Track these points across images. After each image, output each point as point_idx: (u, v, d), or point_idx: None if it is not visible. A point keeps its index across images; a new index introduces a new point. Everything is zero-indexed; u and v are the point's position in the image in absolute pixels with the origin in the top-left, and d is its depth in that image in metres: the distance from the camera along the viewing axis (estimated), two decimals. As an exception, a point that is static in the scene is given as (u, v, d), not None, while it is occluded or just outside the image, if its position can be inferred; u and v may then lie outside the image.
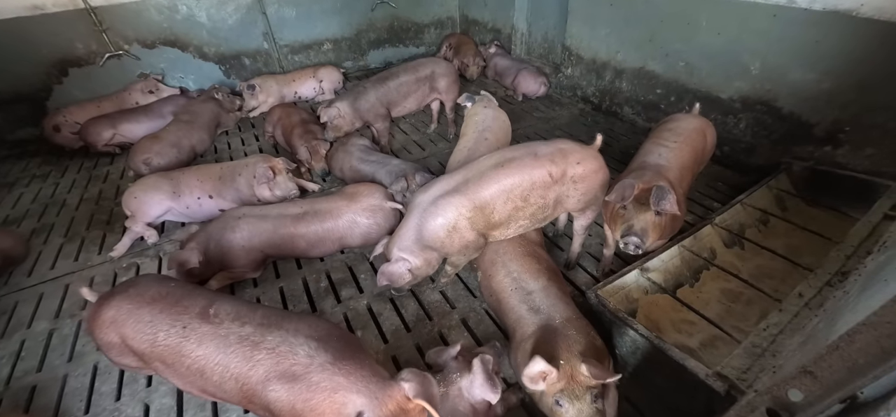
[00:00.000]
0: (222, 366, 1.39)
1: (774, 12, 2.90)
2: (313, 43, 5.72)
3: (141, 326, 1.48)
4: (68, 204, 3.68)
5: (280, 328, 1.42)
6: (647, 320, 2.22)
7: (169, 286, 1.62)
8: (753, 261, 2.49)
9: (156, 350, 1.46)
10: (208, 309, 1.48)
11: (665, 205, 1.93)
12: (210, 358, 1.40)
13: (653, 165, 2.31)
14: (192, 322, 1.45)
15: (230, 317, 1.46)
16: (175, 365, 1.45)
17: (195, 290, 1.62)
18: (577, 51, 4.72)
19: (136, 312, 1.50)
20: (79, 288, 1.94)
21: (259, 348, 1.37)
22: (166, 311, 1.49)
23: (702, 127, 2.64)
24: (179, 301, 1.53)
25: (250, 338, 1.39)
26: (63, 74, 4.49)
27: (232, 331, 1.42)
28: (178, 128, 3.87)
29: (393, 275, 2.13)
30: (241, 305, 1.54)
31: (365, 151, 3.33)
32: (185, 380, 1.49)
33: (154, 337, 1.46)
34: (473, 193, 2.10)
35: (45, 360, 2.37)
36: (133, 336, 1.49)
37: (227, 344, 1.39)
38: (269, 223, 2.51)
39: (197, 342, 1.42)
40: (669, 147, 2.44)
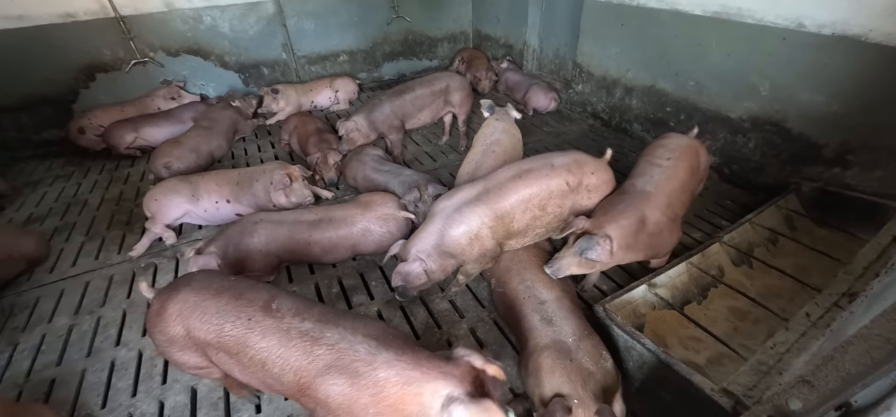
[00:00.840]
0: (283, 359, 1.44)
1: (784, 36, 2.95)
2: (330, 54, 5.88)
3: (208, 317, 1.53)
4: (90, 204, 3.80)
5: (338, 325, 1.47)
6: (654, 335, 2.23)
7: (230, 280, 1.68)
8: (762, 280, 2.49)
9: (222, 340, 1.50)
10: (270, 303, 1.54)
11: (590, 254, 1.97)
12: (272, 351, 1.45)
13: (638, 192, 2.29)
14: (256, 314, 1.50)
15: (291, 313, 1.51)
16: (238, 356, 1.50)
17: (256, 284, 1.67)
18: (587, 68, 4.79)
19: (202, 304, 1.55)
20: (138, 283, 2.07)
21: (319, 343, 1.42)
22: (232, 303, 1.54)
23: (695, 145, 2.60)
24: (243, 293, 1.58)
25: (310, 334, 1.45)
26: (90, 79, 4.67)
27: (293, 326, 1.47)
28: (198, 134, 3.99)
29: (409, 275, 2.19)
30: (300, 301, 1.59)
31: (378, 161, 3.41)
32: (245, 370, 1.54)
33: (220, 328, 1.51)
34: (495, 203, 2.20)
35: (65, 355, 2.44)
36: (199, 327, 1.53)
37: (289, 338, 1.45)
38: (285, 228, 2.58)
39: (261, 334, 1.47)
40: (663, 166, 2.40)
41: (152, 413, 2.11)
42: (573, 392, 1.71)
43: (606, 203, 2.28)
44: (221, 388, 2.19)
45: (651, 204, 2.21)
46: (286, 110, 5.00)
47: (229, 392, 2.16)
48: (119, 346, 2.47)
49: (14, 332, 2.58)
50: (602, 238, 1.98)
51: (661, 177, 2.33)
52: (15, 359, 2.42)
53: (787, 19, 2.91)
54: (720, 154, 3.65)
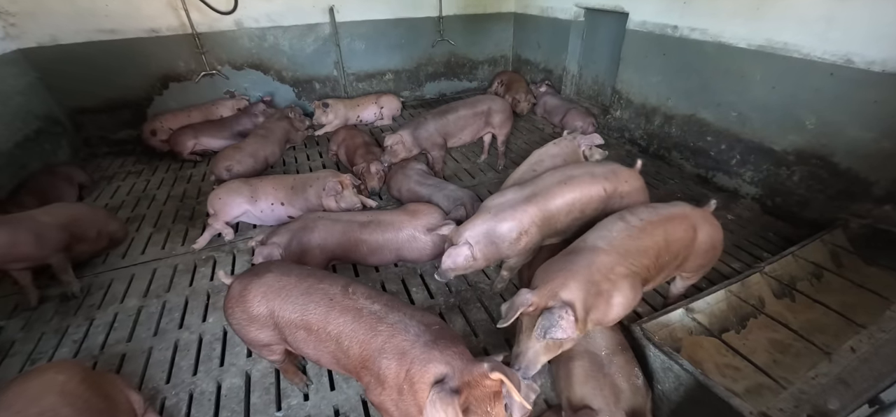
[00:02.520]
0: (353, 333, 1.63)
1: (831, 71, 2.95)
2: (377, 72, 6.23)
3: (293, 298, 1.74)
4: (157, 199, 4.16)
5: (401, 311, 1.67)
6: (691, 360, 2.21)
7: (305, 270, 1.89)
8: (804, 315, 2.45)
9: (306, 317, 1.71)
10: (347, 288, 1.75)
11: (555, 333, 1.59)
12: (347, 326, 1.65)
13: (587, 248, 1.94)
14: (336, 295, 1.72)
15: (364, 296, 1.72)
16: (318, 332, 1.70)
17: (330, 274, 1.89)
18: (626, 95, 4.86)
19: (287, 288, 1.77)
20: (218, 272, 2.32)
21: (382, 322, 1.61)
22: (315, 286, 1.76)
23: (693, 218, 2.19)
24: (322, 280, 1.80)
25: (378, 314, 1.65)
26: (164, 87, 5.17)
27: (365, 307, 1.67)
28: (256, 141, 4.32)
29: (457, 256, 2.37)
30: (371, 289, 1.80)
31: (422, 175, 3.59)
32: (320, 344, 1.72)
33: (306, 308, 1.71)
34: (543, 204, 2.41)
35: (134, 333, 2.68)
36: (284, 306, 1.74)
37: (361, 316, 1.64)
38: (340, 226, 2.80)
39: (340, 313, 1.67)
40: (630, 224, 2.05)
41: (211, 392, 2.29)
42: (604, 406, 1.78)
43: (547, 267, 1.92)
44: (273, 374, 2.36)
45: (600, 258, 1.87)
46: (334, 123, 5.32)
47: (282, 377, 2.33)
48: (182, 329, 2.69)
49: (91, 309, 2.86)
50: (561, 308, 1.62)
51: (621, 235, 1.99)
52: (91, 333, 2.68)
53: (834, 55, 2.92)
54: (763, 185, 3.62)
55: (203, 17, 4.88)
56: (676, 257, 2.17)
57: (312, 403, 2.23)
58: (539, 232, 2.41)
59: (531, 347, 1.70)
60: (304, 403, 2.23)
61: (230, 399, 2.27)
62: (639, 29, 4.46)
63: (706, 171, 4.11)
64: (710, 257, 2.33)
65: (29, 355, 2.54)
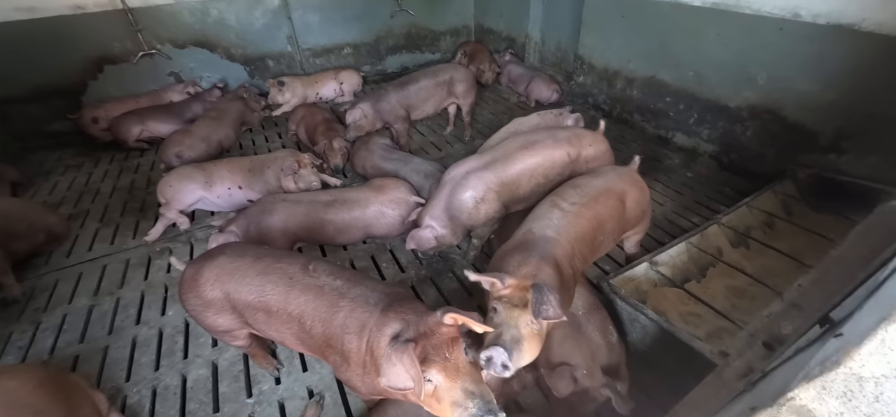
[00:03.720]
0: (316, 312, 1.55)
1: (780, 26, 3.04)
2: (334, 47, 5.95)
3: (248, 280, 1.64)
4: (102, 192, 3.87)
5: (364, 284, 1.60)
6: (656, 311, 2.28)
7: (261, 249, 1.79)
8: (759, 261, 2.59)
9: (264, 299, 1.61)
10: (307, 265, 1.66)
11: (547, 310, 1.35)
12: (309, 305, 1.56)
13: (539, 239, 1.86)
14: (296, 274, 1.62)
15: (325, 273, 1.64)
16: (278, 313, 1.61)
17: (290, 252, 1.81)
18: (589, 60, 4.88)
19: (240, 269, 1.66)
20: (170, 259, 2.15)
21: (344, 297, 1.54)
22: (272, 267, 1.65)
23: (621, 185, 2.20)
24: (281, 258, 1.70)
25: (339, 289, 1.57)
26: (99, 71, 4.73)
27: (327, 284, 1.60)
28: (208, 124, 4.07)
29: (421, 239, 2.36)
30: (333, 265, 1.72)
31: (386, 150, 3.50)
32: (282, 325, 1.64)
33: (263, 289, 1.62)
34: (501, 171, 2.36)
35: (87, 333, 2.52)
36: (238, 289, 1.64)
37: (322, 293, 1.57)
38: (302, 207, 2.68)
39: (300, 291, 1.58)
40: (565, 210, 2.00)
41: (176, 386, 2.19)
42: (582, 363, 1.81)
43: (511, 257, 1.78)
44: (242, 361, 2.28)
45: (559, 250, 1.82)
46: (292, 102, 5.08)
47: (252, 363, 2.25)
48: (140, 324, 2.55)
49: (36, 312, 2.66)
50: (546, 288, 1.39)
51: (563, 222, 1.94)
52: (38, 338, 2.50)
53: (783, 9, 3.01)
54: (719, 143, 3.75)
55: (136, -9, 4.47)
56: (610, 235, 2.17)
57: (285, 386, 2.17)
58: (498, 199, 2.38)
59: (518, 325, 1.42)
60: (276, 387, 2.17)
61: (197, 390, 2.18)
62: (598, -8, 4.45)
63: (666, 132, 4.22)
64: (641, 220, 2.38)
65: (-32, 367, 2.34)
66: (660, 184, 3.57)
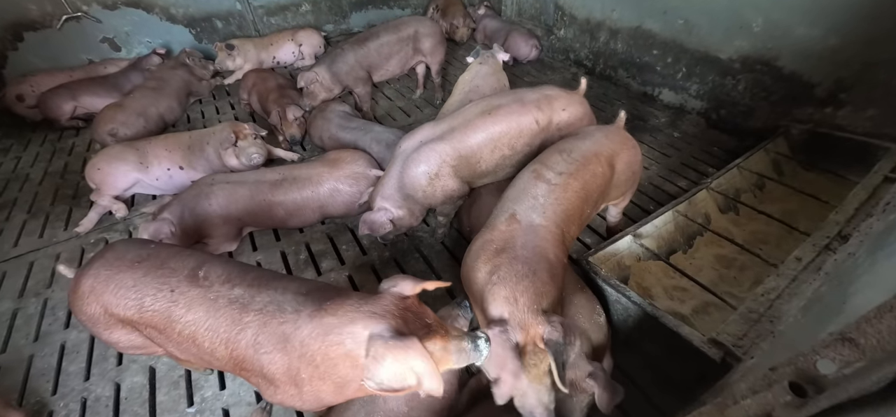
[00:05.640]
0: (212, 331, 1.27)
1: (779, -37, 2.74)
2: (290, 4, 5.37)
3: (123, 292, 1.35)
4: (32, 178, 3.47)
5: (269, 287, 1.30)
6: (639, 287, 2.15)
7: (150, 248, 1.48)
8: (749, 227, 2.42)
9: (144, 316, 1.33)
10: (197, 271, 1.36)
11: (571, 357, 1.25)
12: (200, 324, 1.27)
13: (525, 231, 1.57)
14: (180, 285, 1.32)
15: (220, 280, 1.33)
16: (167, 332, 1.33)
17: (182, 251, 1.47)
18: (570, 10, 4.51)
19: (116, 277, 1.37)
20: (57, 265, 1.75)
21: (247, 310, 1.25)
22: (151, 274, 1.35)
23: (611, 150, 1.92)
24: (165, 263, 1.39)
25: (239, 301, 1.27)
26: (18, 39, 4.15)
27: (222, 294, 1.29)
28: (144, 96, 3.63)
29: (374, 224, 2.08)
30: (233, 267, 1.41)
31: (345, 118, 3.15)
32: (179, 348, 1.38)
33: (140, 303, 1.33)
34: (459, 141, 2.03)
35: (10, 341, 2.26)
36: (116, 303, 1.36)
37: (217, 308, 1.27)
38: (245, 189, 2.37)
39: (186, 307, 1.29)
40: (552, 183, 1.71)
41: (108, 397, 1.97)
42: None
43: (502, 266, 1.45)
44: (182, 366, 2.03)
45: (550, 241, 1.57)
46: (245, 67, 4.59)
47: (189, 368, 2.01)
48: (69, 328, 2.28)
49: (-49, 320, 2.36)
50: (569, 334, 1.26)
51: (550, 199, 1.67)
52: (-46, 349, 2.22)
53: (783, -56, 2.69)
54: (708, 98, 3.50)
55: (50, -57, 3.88)
56: (595, 206, 1.91)
57: (230, 391, 1.95)
58: (454, 174, 2.06)
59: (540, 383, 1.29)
60: (220, 392, 1.94)
61: (132, 401, 1.95)
62: (579, -68, 4.03)
63: (652, 88, 3.94)
64: (630, 184, 2.11)
65: None
66: (645, 146, 3.33)
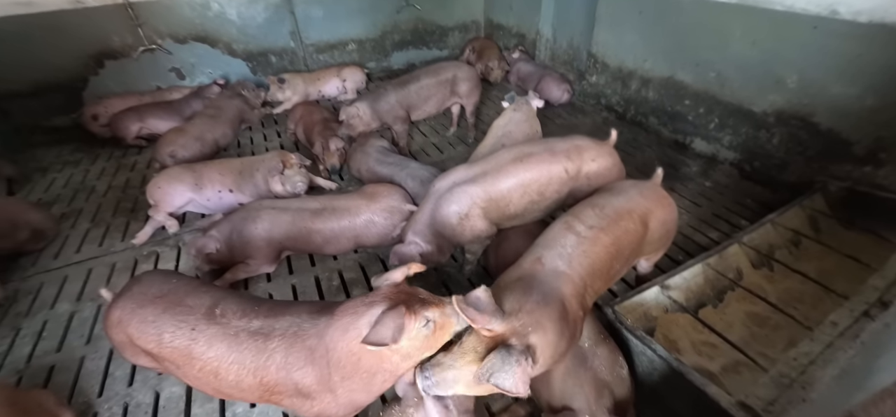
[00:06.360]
0: (238, 364, 1.38)
1: (815, 24, 2.76)
2: (338, 43, 5.79)
3: (145, 326, 1.47)
4: (97, 190, 3.80)
5: (285, 314, 1.44)
6: (666, 340, 2.12)
7: (171, 283, 1.60)
8: (783, 284, 2.36)
9: (162, 351, 1.44)
10: (214, 309, 1.47)
11: (504, 381, 1.19)
12: (223, 359, 1.38)
13: (549, 272, 1.60)
14: (199, 323, 1.43)
15: (237, 316, 1.45)
16: (185, 368, 1.43)
17: (199, 288, 1.58)
18: (602, 58, 4.62)
19: (140, 312, 1.49)
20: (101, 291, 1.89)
21: (271, 338, 1.38)
22: (169, 311, 1.47)
23: (645, 208, 1.93)
24: (182, 300, 1.50)
25: (261, 331, 1.40)
26: (99, 66, 4.66)
27: (241, 328, 1.41)
28: (203, 122, 3.96)
29: (404, 256, 2.17)
30: (246, 301, 1.52)
31: (383, 153, 3.32)
32: (197, 381, 1.48)
33: (159, 339, 1.44)
34: (490, 185, 2.13)
35: (65, 341, 2.43)
36: (138, 335, 1.48)
37: (239, 342, 1.39)
38: (288, 215, 2.53)
39: (207, 344, 1.40)
40: (582, 236, 1.73)
41: (148, 404, 2.09)
42: (586, 406, 1.61)
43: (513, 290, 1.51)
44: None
45: (568, 289, 1.57)
46: (293, 99, 4.94)
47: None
48: (118, 335, 2.45)
49: (17, 317, 2.58)
50: (522, 355, 1.23)
51: (577, 252, 1.68)
52: (17, 345, 2.41)
53: (818, 6, 2.72)
54: (742, 150, 3.48)
55: (134, -16, 4.39)
56: (627, 262, 1.93)
57: (260, 409, 2.03)
58: (483, 216, 2.15)
59: (458, 369, 1.29)
60: (250, 409, 2.03)
61: (169, 410, 2.07)
62: (614, -14, 4.18)
63: (684, 137, 3.95)
64: (664, 242, 2.12)
65: (-54, 372, 2.27)
66: (675, 194, 3.31)
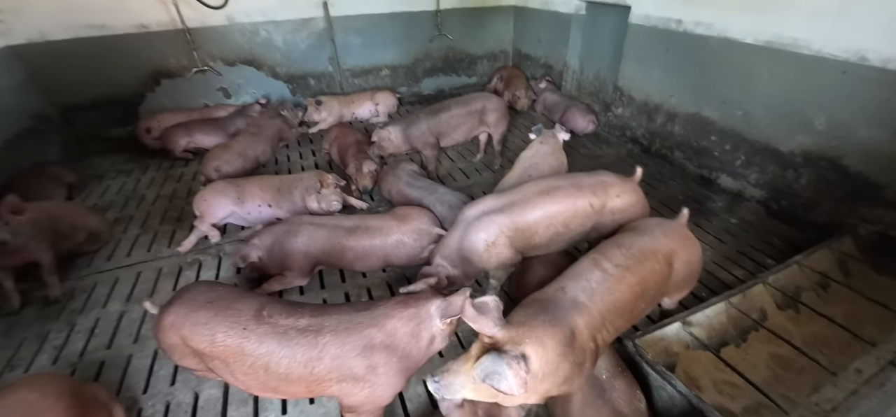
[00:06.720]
0: (289, 357, 1.53)
1: (844, 69, 2.79)
2: (373, 68, 6.10)
3: (198, 328, 1.60)
4: (146, 198, 4.09)
5: (331, 313, 1.63)
6: (686, 376, 2.13)
7: (217, 291, 1.74)
8: (808, 328, 2.34)
9: (215, 349, 1.58)
10: (261, 311, 1.61)
11: (498, 383, 1.32)
12: (274, 354, 1.53)
13: (568, 301, 1.68)
14: (249, 323, 1.58)
15: (283, 316, 1.60)
16: (234, 365, 1.57)
17: (244, 294, 1.73)
18: (628, 91, 4.70)
19: (192, 315, 1.63)
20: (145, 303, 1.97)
21: (322, 333, 1.55)
22: (220, 313, 1.61)
23: (670, 248, 1.98)
24: (231, 304, 1.65)
25: (310, 328, 1.56)
26: (156, 84, 5.08)
27: (289, 326, 1.57)
28: (246, 140, 4.23)
29: (430, 279, 2.25)
30: (289, 304, 1.69)
31: (413, 176, 3.48)
32: (246, 377, 1.60)
33: (212, 338, 1.58)
34: (517, 215, 2.23)
35: (115, 339, 2.61)
36: (191, 336, 1.61)
37: (289, 339, 1.54)
38: (325, 232, 2.69)
39: (258, 341, 1.54)
40: (608, 272, 1.79)
41: (188, 404, 2.23)
42: None
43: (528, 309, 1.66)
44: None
45: (583, 319, 1.63)
46: (328, 120, 5.22)
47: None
48: (163, 336, 2.63)
49: (72, 314, 2.80)
50: (513, 359, 1.35)
51: (601, 288, 1.74)
52: (71, 339, 2.62)
53: (847, 52, 2.76)
54: (768, 188, 3.47)
55: (194, 12, 4.78)
56: (652, 301, 1.98)
57: (291, 415, 2.14)
58: (509, 244, 2.25)
59: (461, 374, 1.43)
60: (283, 415, 2.15)
61: (207, 411, 2.20)
62: (642, 23, 4.29)
63: (709, 172, 3.96)
64: (688, 282, 2.15)
65: (8, 361, 2.48)
66: (699, 229, 3.33)
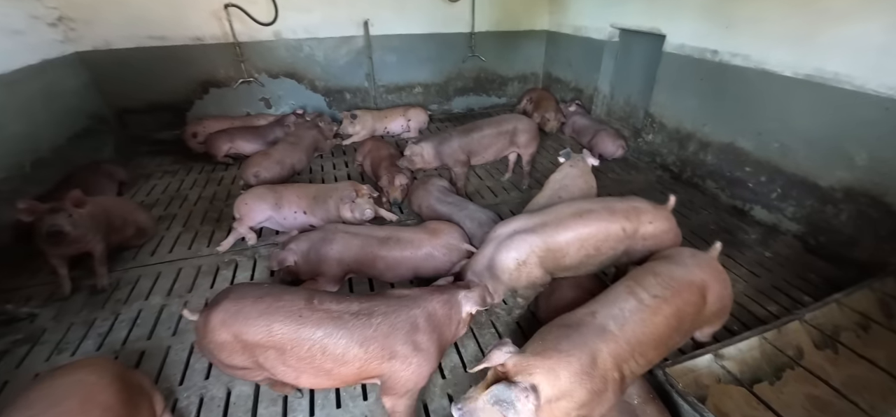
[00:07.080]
0: (346, 338, 1.64)
1: (887, 105, 2.73)
2: (406, 85, 6.31)
3: (252, 321, 1.67)
4: (189, 199, 4.30)
5: (378, 299, 1.77)
6: (717, 410, 2.07)
7: (263, 289, 1.82)
8: (848, 370, 2.25)
9: (272, 338, 1.65)
10: (311, 300, 1.72)
11: (508, 411, 1.38)
12: (331, 337, 1.63)
13: (595, 327, 1.69)
14: (303, 311, 1.67)
15: (334, 303, 1.71)
16: (292, 351, 1.65)
17: (288, 289, 1.82)
18: (660, 118, 4.69)
19: (243, 311, 1.70)
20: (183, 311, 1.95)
21: (374, 315, 1.68)
22: (273, 305, 1.70)
23: (703, 280, 1.99)
24: (280, 297, 1.73)
25: (363, 312, 1.68)
26: (204, 92, 5.42)
27: (342, 311, 1.68)
28: (284, 148, 4.43)
29: None
30: (339, 295, 1.81)
31: (443, 192, 3.56)
32: (300, 361, 1.68)
33: (270, 329, 1.65)
34: (549, 236, 2.26)
35: (155, 331, 2.74)
36: (245, 330, 1.65)
37: (344, 322, 1.65)
38: (358, 240, 2.79)
39: (315, 325, 1.65)
40: (643, 302, 1.80)
41: (220, 398, 2.31)
42: None
43: (552, 333, 1.70)
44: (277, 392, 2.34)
45: (608, 347, 1.64)
46: (361, 134, 5.40)
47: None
48: (200, 330, 2.75)
49: (117, 303, 2.96)
50: (522, 391, 1.40)
51: (634, 318, 1.75)
52: (115, 328, 2.76)
53: (891, 88, 2.70)
54: (805, 222, 3.38)
55: (245, 28, 5.10)
56: (685, 334, 1.98)
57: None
58: (540, 264, 2.28)
59: (480, 401, 1.45)
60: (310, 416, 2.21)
61: (238, 407, 2.27)
62: (676, 52, 4.30)
63: (743, 203, 3.89)
64: (719, 317, 2.15)
65: (57, 344, 2.63)
66: (731, 260, 3.26)
